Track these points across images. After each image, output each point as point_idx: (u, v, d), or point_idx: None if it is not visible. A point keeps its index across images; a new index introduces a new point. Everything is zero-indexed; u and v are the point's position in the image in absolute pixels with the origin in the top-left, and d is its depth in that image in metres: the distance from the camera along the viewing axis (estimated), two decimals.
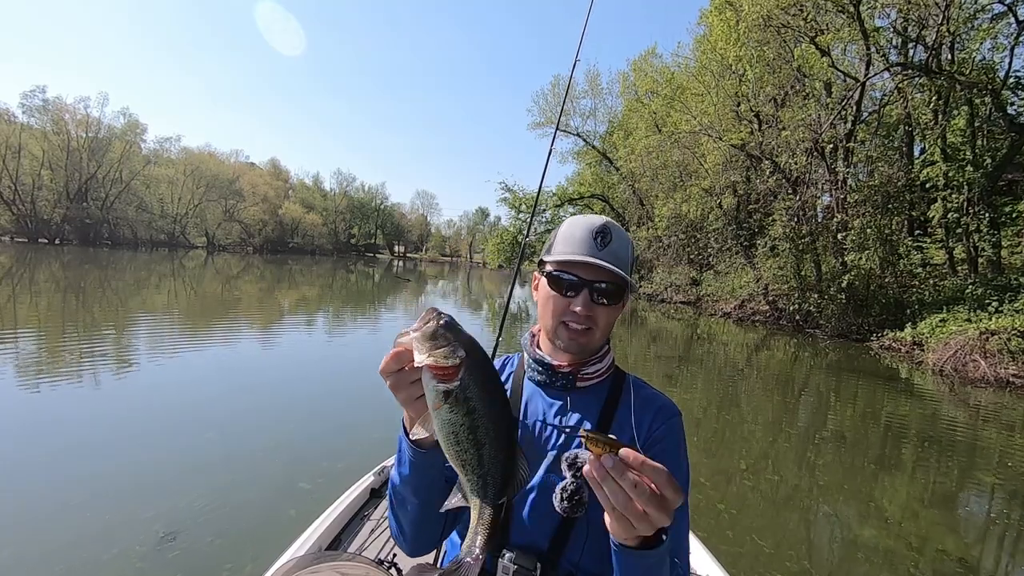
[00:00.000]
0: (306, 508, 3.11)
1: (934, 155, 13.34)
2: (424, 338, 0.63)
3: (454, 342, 0.63)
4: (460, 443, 0.66)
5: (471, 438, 0.66)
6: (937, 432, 6.36)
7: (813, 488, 4.47)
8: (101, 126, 46.65)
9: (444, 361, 0.62)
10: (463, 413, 0.65)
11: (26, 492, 3.36)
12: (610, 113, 33.10)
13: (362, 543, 1.91)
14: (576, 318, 0.91)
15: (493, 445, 0.68)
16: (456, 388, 0.63)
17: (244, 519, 3.22)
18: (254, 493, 3.57)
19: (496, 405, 0.68)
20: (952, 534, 3.77)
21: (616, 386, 1.00)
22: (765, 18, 14.63)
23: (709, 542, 2.14)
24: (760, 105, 17.55)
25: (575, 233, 0.95)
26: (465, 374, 0.63)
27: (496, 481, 0.70)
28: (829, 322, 14.24)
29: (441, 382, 0.63)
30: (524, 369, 1.04)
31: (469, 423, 0.65)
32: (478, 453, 0.67)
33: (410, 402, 0.70)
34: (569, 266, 0.93)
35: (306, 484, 3.65)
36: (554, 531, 0.89)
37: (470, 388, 0.64)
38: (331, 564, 1.13)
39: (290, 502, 3.41)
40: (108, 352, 7.47)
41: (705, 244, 22.39)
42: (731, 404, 7.34)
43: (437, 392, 0.64)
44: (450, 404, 0.64)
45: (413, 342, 0.64)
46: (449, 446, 0.67)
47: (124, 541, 2.86)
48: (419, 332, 0.64)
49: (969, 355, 9.07)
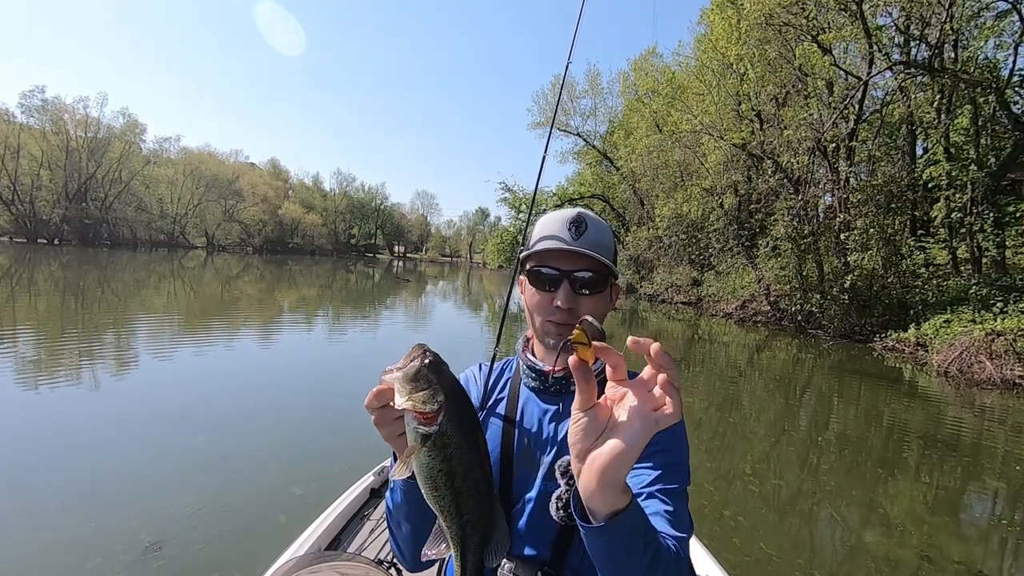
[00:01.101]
0: (299, 514, 3.03)
1: (937, 154, 13.25)
2: (406, 379, 0.62)
3: (435, 384, 0.62)
4: (438, 489, 0.65)
5: (449, 484, 0.65)
6: (942, 435, 6.29)
7: (816, 492, 4.41)
8: (100, 126, 46.65)
9: (422, 407, 0.61)
10: (441, 459, 0.64)
11: (5, 496, 3.27)
12: (610, 113, 33.10)
13: (362, 543, 1.92)
14: (561, 313, 0.88)
15: (472, 496, 0.67)
16: (435, 433, 0.62)
17: (234, 525, 3.14)
18: (244, 497, 3.50)
19: (477, 455, 0.67)
20: (958, 540, 3.70)
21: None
22: (767, 16, 14.55)
23: (711, 544, 2.12)
24: (762, 104, 17.47)
25: (550, 226, 0.93)
26: (444, 419, 0.62)
27: (476, 532, 0.69)
28: (832, 323, 14.16)
29: (420, 425, 0.62)
30: (521, 375, 1.00)
31: (447, 469, 0.64)
32: (455, 501, 0.66)
33: (392, 438, 0.68)
34: (547, 258, 0.90)
35: (298, 489, 3.57)
36: (554, 539, 0.86)
37: (449, 434, 0.63)
38: (331, 564, 1.15)
39: (281, 508, 3.34)
40: (101, 353, 7.41)
41: (706, 244, 22.31)
42: (733, 406, 7.29)
43: (416, 435, 0.63)
44: (428, 448, 0.63)
45: (395, 382, 0.62)
46: (428, 491, 0.66)
47: (108, 548, 2.77)
48: (402, 372, 0.62)
49: (975, 356, 8.97)
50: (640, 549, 0.60)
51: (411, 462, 0.65)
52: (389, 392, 0.64)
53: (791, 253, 15.29)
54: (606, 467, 0.54)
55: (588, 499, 0.57)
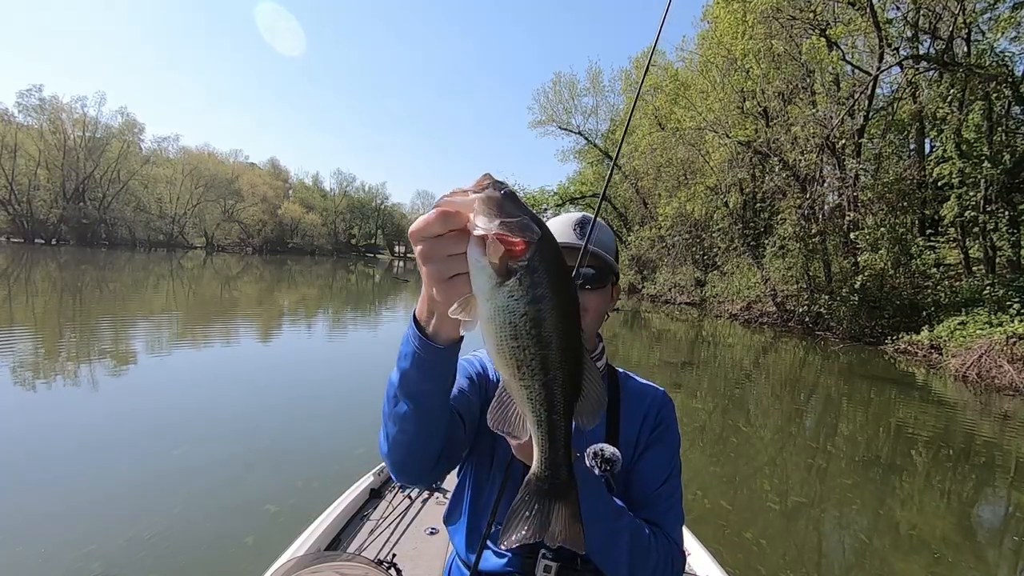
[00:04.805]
0: (299, 514, 2.93)
1: (948, 151, 12.90)
2: (494, 202, 0.52)
3: (525, 215, 0.52)
4: (519, 338, 0.53)
5: (534, 333, 0.53)
6: (957, 441, 6.10)
7: (824, 498, 4.35)
8: (98, 125, 46.52)
9: (520, 233, 0.50)
10: (527, 301, 0.52)
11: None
12: (612, 111, 32.76)
13: (362, 543, 1.91)
14: None
15: (561, 348, 0.54)
16: (523, 268, 0.51)
17: (233, 527, 3.05)
18: (244, 498, 3.43)
19: (569, 296, 0.56)
20: (972, 556, 3.50)
21: (612, 381, 1.06)
22: (774, 9, 14.23)
23: (713, 547, 2.13)
24: (768, 101, 17.17)
25: (555, 228, 0.97)
26: (535, 254, 0.51)
27: (565, 388, 0.56)
28: (841, 324, 13.86)
29: (505, 259, 0.51)
30: None
31: (534, 314, 0.52)
32: (541, 353, 0.54)
33: (442, 279, 0.56)
34: None
35: (272, 507, 3.34)
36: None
37: (539, 272, 0.52)
38: (331, 564, 1.16)
39: (280, 508, 3.27)
40: (94, 354, 7.31)
41: (710, 244, 21.98)
42: (738, 408, 7.21)
43: (494, 271, 0.51)
44: (511, 288, 0.51)
45: (476, 203, 0.52)
46: (503, 342, 0.54)
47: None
48: (486, 194, 0.52)
49: (994, 360, 8.63)
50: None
51: (472, 308, 0.54)
52: (457, 217, 0.52)
53: (799, 253, 15.00)
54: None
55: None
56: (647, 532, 0.89)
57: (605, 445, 0.91)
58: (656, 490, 0.97)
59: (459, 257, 0.54)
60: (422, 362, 0.67)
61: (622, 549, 0.85)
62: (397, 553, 1.72)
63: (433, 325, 0.64)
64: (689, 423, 5.99)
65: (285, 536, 1.95)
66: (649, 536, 0.89)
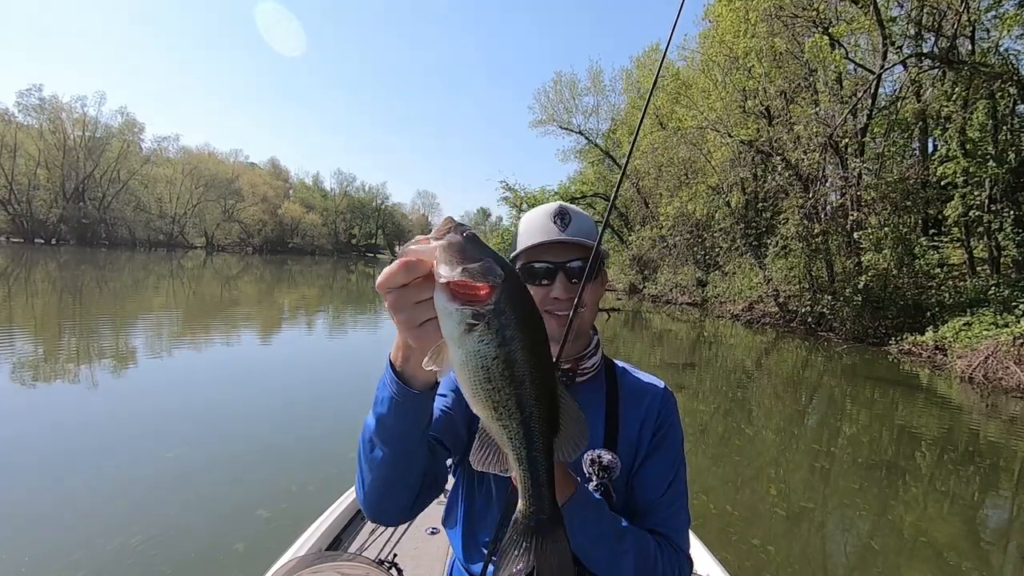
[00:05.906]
0: (298, 514, 2.89)
1: (952, 150, 12.80)
2: (455, 248, 0.52)
3: (490, 255, 0.53)
4: (492, 380, 0.54)
5: (506, 374, 0.54)
6: (962, 444, 6.04)
7: (828, 502, 4.30)
8: (98, 125, 46.51)
9: (481, 278, 0.51)
10: (497, 344, 0.53)
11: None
12: (613, 110, 32.65)
13: (362, 543, 1.93)
14: (559, 304, 0.91)
15: (535, 384, 0.55)
16: (490, 312, 0.52)
17: (233, 525, 3.04)
18: (243, 498, 3.39)
19: (538, 334, 0.56)
20: (977, 560, 3.43)
21: (611, 377, 1.02)
22: (777, 7, 14.14)
23: (716, 549, 2.12)
24: (770, 99, 17.08)
25: (534, 221, 0.96)
26: (501, 296, 0.52)
27: (542, 425, 0.57)
28: (844, 325, 13.76)
29: (468, 305, 0.51)
30: None
31: (505, 355, 0.53)
32: (516, 392, 0.55)
33: (412, 327, 0.57)
34: (538, 253, 0.93)
35: (264, 512, 3.24)
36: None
37: (507, 313, 0.52)
38: (332, 564, 1.16)
39: (281, 509, 3.24)
40: (93, 354, 7.29)
41: (712, 244, 21.87)
42: (740, 410, 7.19)
43: (463, 317, 0.52)
44: (480, 333, 0.52)
45: (438, 251, 0.52)
46: (477, 385, 0.55)
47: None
48: (446, 241, 0.52)
49: (1001, 362, 8.53)
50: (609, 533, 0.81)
51: (444, 355, 0.54)
52: (420, 266, 0.53)
53: (801, 253, 14.91)
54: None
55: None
56: (653, 548, 0.86)
57: (603, 451, 0.90)
58: (660, 497, 0.93)
59: (427, 303, 0.54)
60: (399, 406, 0.68)
61: (627, 571, 0.82)
62: (398, 553, 1.72)
63: (409, 369, 0.65)
64: (691, 425, 5.93)
65: (285, 537, 1.94)
66: (655, 552, 0.86)
